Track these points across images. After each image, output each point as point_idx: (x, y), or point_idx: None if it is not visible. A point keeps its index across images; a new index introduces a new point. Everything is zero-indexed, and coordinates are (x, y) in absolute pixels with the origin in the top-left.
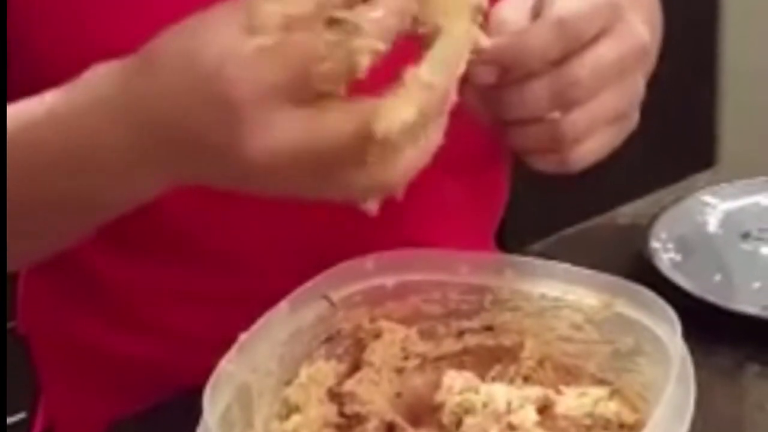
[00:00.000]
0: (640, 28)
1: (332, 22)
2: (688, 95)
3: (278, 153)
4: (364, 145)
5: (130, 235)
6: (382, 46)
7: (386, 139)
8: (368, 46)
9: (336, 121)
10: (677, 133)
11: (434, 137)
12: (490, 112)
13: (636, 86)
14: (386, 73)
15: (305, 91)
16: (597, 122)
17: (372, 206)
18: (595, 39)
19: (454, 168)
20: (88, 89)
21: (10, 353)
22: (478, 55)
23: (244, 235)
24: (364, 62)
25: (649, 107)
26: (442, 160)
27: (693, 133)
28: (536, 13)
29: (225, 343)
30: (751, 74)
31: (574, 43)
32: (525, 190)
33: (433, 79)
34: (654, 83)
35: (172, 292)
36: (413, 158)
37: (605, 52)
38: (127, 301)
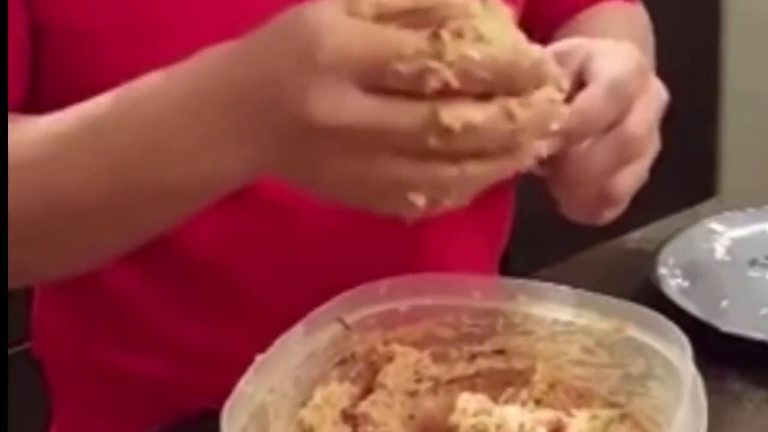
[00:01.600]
0: (659, 84)
1: (435, 36)
2: (690, 125)
3: (338, 123)
4: (427, 132)
5: (146, 257)
6: (453, 82)
7: (450, 130)
8: (441, 76)
9: (403, 107)
10: (680, 162)
11: (494, 167)
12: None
13: (656, 143)
14: None
15: (379, 79)
16: (640, 179)
17: (414, 213)
18: (637, 98)
19: None
20: (189, 70)
21: (24, 375)
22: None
23: (255, 260)
24: (432, 84)
25: None
26: None
27: (695, 163)
28: (577, 78)
29: (237, 365)
30: (753, 104)
31: (628, 104)
32: (532, 216)
33: (517, 111)
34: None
35: (185, 312)
36: (472, 173)
37: (647, 109)
38: (141, 322)
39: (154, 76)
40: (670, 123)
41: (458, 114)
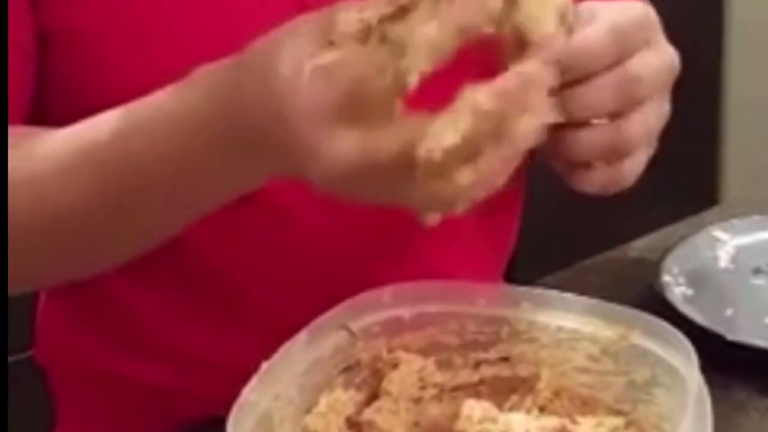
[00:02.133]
0: (670, 47)
1: (384, 39)
2: (693, 133)
3: (334, 172)
4: (410, 165)
5: (149, 264)
6: (428, 67)
7: (429, 162)
8: (414, 67)
9: (385, 141)
10: (683, 171)
11: (493, 162)
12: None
13: (665, 107)
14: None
15: (356, 110)
16: (648, 129)
17: (432, 219)
18: (640, 48)
19: None
20: (185, 91)
21: (27, 383)
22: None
23: (259, 265)
24: (411, 81)
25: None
26: None
27: (699, 171)
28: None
29: (241, 372)
30: (756, 112)
31: (628, 48)
32: (537, 224)
33: (488, 104)
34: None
35: (188, 319)
36: (470, 178)
37: (652, 59)
38: (143, 328)
39: (153, 98)
40: (673, 131)
41: (434, 144)
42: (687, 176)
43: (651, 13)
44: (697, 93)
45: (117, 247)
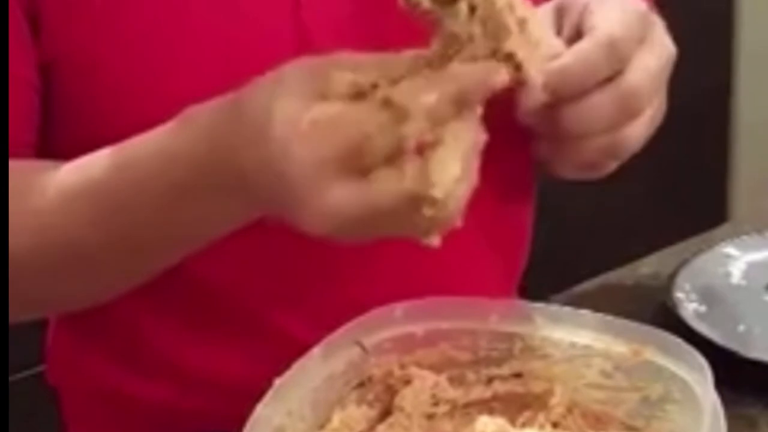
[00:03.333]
0: (666, 38)
1: (386, 103)
2: (702, 151)
3: (336, 222)
4: (420, 205)
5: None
6: (429, 135)
7: (446, 197)
8: (414, 134)
9: (390, 189)
10: (693, 188)
11: (474, 168)
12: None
13: (662, 94)
14: None
15: (357, 164)
16: (651, 126)
17: (435, 241)
18: (637, 50)
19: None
20: (180, 130)
21: (35, 398)
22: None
23: (264, 285)
24: (410, 145)
25: (664, 163)
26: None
27: (708, 189)
28: (574, 29)
29: (248, 390)
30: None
31: (625, 60)
32: (548, 241)
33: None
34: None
35: (194, 338)
36: (463, 190)
37: (650, 61)
38: (150, 348)
39: (147, 136)
40: (684, 148)
41: (444, 180)
42: (698, 193)
43: (645, 10)
44: (708, 110)
45: (116, 278)
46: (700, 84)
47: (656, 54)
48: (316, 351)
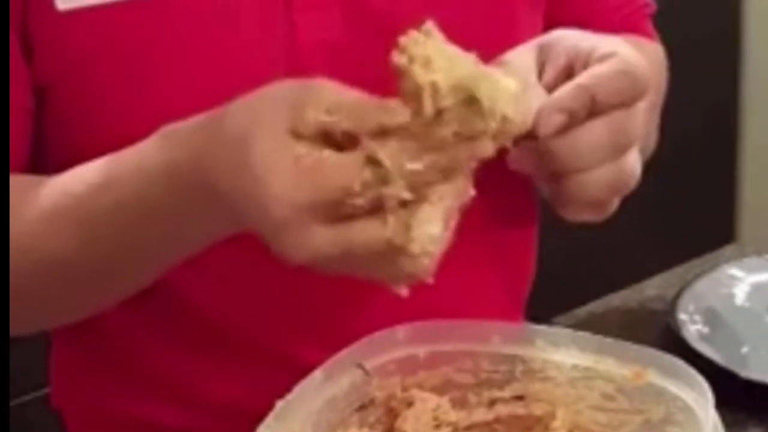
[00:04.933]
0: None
1: (372, 161)
2: (708, 173)
3: (313, 259)
4: (396, 255)
5: (155, 309)
6: (409, 198)
7: (422, 254)
8: (396, 196)
9: (369, 236)
10: (698, 208)
11: (452, 224)
12: (545, 169)
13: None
14: None
15: (336, 213)
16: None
17: (403, 291)
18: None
19: (480, 239)
20: (154, 150)
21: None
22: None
23: (265, 311)
24: (391, 205)
25: (669, 184)
26: (466, 230)
27: (714, 211)
28: (559, 70)
29: (254, 413)
30: None
31: (638, 91)
32: (551, 263)
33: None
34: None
35: (194, 361)
36: (437, 252)
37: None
38: (152, 371)
39: (127, 152)
40: (689, 170)
41: (423, 237)
42: (702, 214)
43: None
44: (713, 131)
45: (98, 295)
46: (705, 104)
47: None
48: (317, 373)
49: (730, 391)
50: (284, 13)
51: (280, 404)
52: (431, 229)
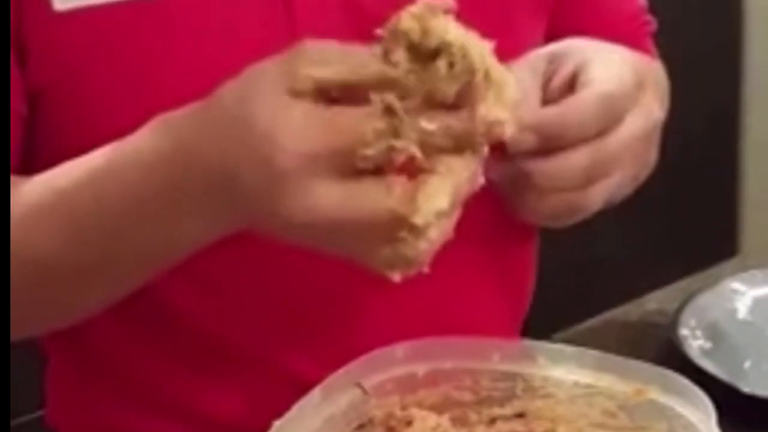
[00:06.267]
0: (656, 105)
1: (389, 111)
2: (710, 185)
3: (315, 218)
4: (398, 226)
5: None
6: (418, 155)
7: (425, 227)
8: (405, 150)
9: (373, 201)
10: (699, 222)
11: (455, 215)
12: (512, 181)
13: (648, 154)
14: None
15: (347, 165)
16: (620, 189)
17: (396, 276)
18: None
19: (479, 253)
20: (145, 139)
21: None
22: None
23: (266, 328)
24: (399, 160)
25: (670, 197)
26: (466, 244)
27: (715, 222)
28: (567, 84)
29: (250, 428)
30: None
31: (614, 121)
32: (551, 278)
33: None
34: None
35: (196, 377)
36: (437, 237)
37: (634, 128)
38: (148, 386)
39: (116, 145)
40: (691, 183)
41: (429, 210)
42: (704, 228)
43: (641, 72)
44: (715, 144)
45: (91, 292)
46: (707, 115)
47: (643, 122)
48: (316, 392)
49: (733, 406)
50: (285, 18)
51: (277, 424)
52: (437, 202)
